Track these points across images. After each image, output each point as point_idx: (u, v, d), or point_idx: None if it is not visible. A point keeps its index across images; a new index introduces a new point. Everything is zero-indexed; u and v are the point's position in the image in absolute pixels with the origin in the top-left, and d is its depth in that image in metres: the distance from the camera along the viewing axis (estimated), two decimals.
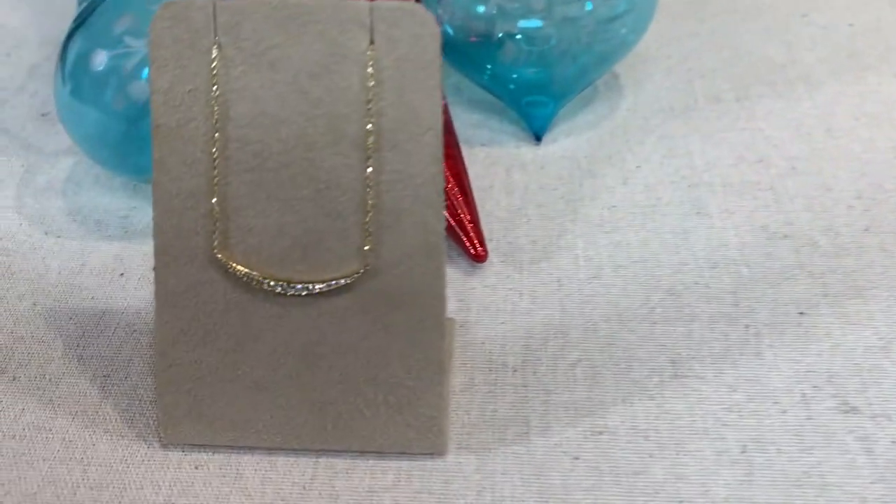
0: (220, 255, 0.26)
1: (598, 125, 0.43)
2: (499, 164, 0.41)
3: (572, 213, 0.38)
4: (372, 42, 0.25)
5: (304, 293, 0.26)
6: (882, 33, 0.50)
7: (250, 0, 0.25)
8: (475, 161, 0.41)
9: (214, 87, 0.25)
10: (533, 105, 0.43)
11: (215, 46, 0.25)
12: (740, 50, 0.49)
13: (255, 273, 0.26)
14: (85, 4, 0.34)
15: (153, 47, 0.25)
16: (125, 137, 0.34)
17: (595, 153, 0.41)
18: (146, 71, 0.33)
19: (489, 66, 0.43)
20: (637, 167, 0.40)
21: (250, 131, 0.26)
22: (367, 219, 0.26)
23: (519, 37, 0.41)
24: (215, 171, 0.26)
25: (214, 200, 0.26)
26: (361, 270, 0.27)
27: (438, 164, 0.26)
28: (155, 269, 0.27)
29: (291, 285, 0.26)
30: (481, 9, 0.41)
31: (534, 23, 0.41)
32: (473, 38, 0.41)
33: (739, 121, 0.43)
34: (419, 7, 0.25)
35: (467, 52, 0.43)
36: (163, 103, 0.25)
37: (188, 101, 0.25)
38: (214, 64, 0.25)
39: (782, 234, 0.37)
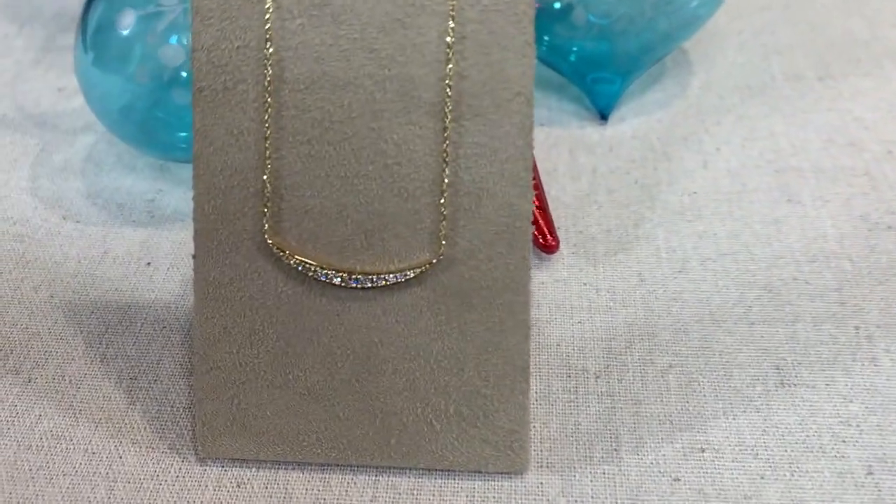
0: (270, 241, 0.22)
1: (668, 104, 0.39)
2: (561, 145, 0.37)
3: (649, 200, 0.34)
4: None
5: (367, 286, 0.23)
6: None
7: None
8: (535, 142, 0.37)
9: (268, 44, 0.21)
10: (598, 81, 0.39)
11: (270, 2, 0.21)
12: (818, 25, 0.45)
13: (311, 262, 0.23)
14: None
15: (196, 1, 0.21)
16: (154, 110, 0.31)
17: (669, 134, 0.37)
18: (177, 35, 0.29)
19: (546, 38, 0.39)
20: (717, 149, 0.36)
21: (308, 96, 0.22)
22: (443, 200, 0.22)
23: (579, 6, 0.38)
24: (267, 143, 0.22)
25: (266, 177, 0.22)
26: (434, 260, 0.23)
27: (528, 135, 0.22)
28: (194, 256, 0.23)
29: (353, 277, 0.23)
30: None
31: None
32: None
33: (824, 101, 0.39)
34: None
35: None
36: (206, 62, 0.21)
37: (236, 60, 0.21)
38: (268, 16, 0.21)
39: (885, 224, 0.33)
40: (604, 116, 0.39)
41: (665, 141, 0.37)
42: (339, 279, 0.23)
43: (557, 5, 0.38)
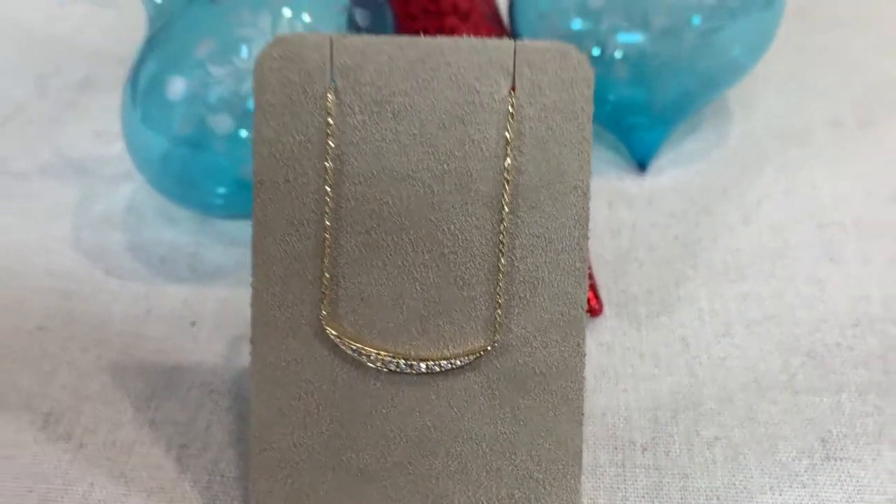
0: (327, 327, 0.23)
1: (708, 153, 0.39)
2: (599, 197, 0.37)
3: (691, 258, 0.34)
4: (513, 88, 0.21)
5: (421, 371, 0.23)
6: None
7: (373, 38, 0.21)
8: None
9: (329, 138, 0.21)
10: (636, 129, 0.39)
11: (331, 91, 0.21)
12: (856, 66, 0.44)
13: (366, 348, 0.23)
14: (159, 24, 0.31)
15: (259, 90, 0.21)
16: (198, 170, 0.31)
17: (709, 186, 0.37)
18: (225, 104, 0.30)
19: None
20: (758, 203, 0.36)
21: (368, 189, 0.22)
22: (498, 288, 0.22)
23: (617, 52, 0.37)
24: (326, 233, 0.22)
25: (325, 266, 0.22)
26: (488, 347, 0.23)
27: (583, 226, 0.22)
28: (252, 341, 0.23)
29: (408, 362, 0.23)
30: (577, 25, 0.38)
31: (633, 37, 0.37)
32: None
33: (864, 149, 0.39)
34: (571, 47, 0.21)
35: None
36: (268, 156, 0.22)
37: (298, 154, 0.22)
38: (330, 112, 0.21)
39: None
40: (642, 167, 0.39)
41: (705, 194, 0.37)
42: (394, 365, 0.23)
43: (596, 52, 0.38)
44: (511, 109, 0.21)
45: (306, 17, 0.29)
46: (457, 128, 0.22)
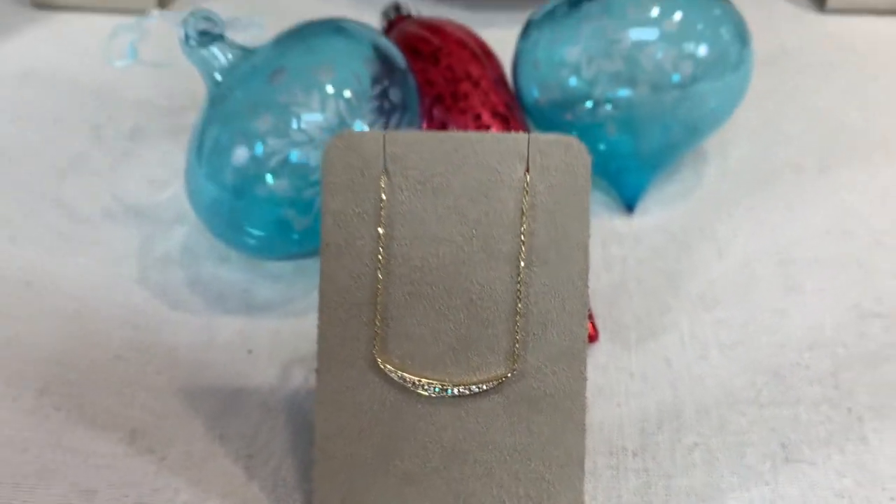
0: (379, 360, 0.28)
1: (687, 196, 0.45)
2: (594, 236, 0.42)
3: (673, 289, 0.40)
4: (527, 170, 0.27)
5: (454, 395, 0.28)
6: None
7: (417, 133, 0.26)
8: None
9: (381, 210, 0.27)
10: (624, 174, 0.45)
11: (384, 174, 0.27)
12: (818, 113, 0.50)
13: (410, 376, 0.28)
14: (217, 90, 0.36)
15: (326, 172, 0.27)
16: (256, 222, 0.36)
17: (688, 225, 0.43)
18: (285, 169, 0.35)
19: (574, 132, 0.44)
20: (729, 241, 0.42)
21: (412, 249, 0.27)
22: (516, 327, 0.28)
23: (608, 106, 0.43)
24: (378, 285, 0.27)
25: (377, 310, 0.28)
26: (509, 374, 0.28)
27: (585, 278, 0.28)
28: (317, 371, 0.29)
29: (444, 387, 0.28)
30: (573, 82, 0.43)
31: (622, 93, 0.43)
32: (569, 116, 0.43)
33: (822, 191, 0.45)
34: (573, 139, 0.27)
35: (553, 118, 0.44)
36: (333, 224, 0.27)
37: (356, 222, 0.27)
38: (383, 190, 0.27)
39: (874, 312, 0.38)
40: (630, 208, 0.44)
41: (685, 232, 0.43)
42: (432, 390, 0.28)
43: (589, 105, 0.43)
44: (525, 187, 0.27)
45: (346, 93, 0.35)
46: (482, 201, 0.27)
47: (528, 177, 0.27)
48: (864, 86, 0.53)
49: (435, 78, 0.41)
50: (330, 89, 0.35)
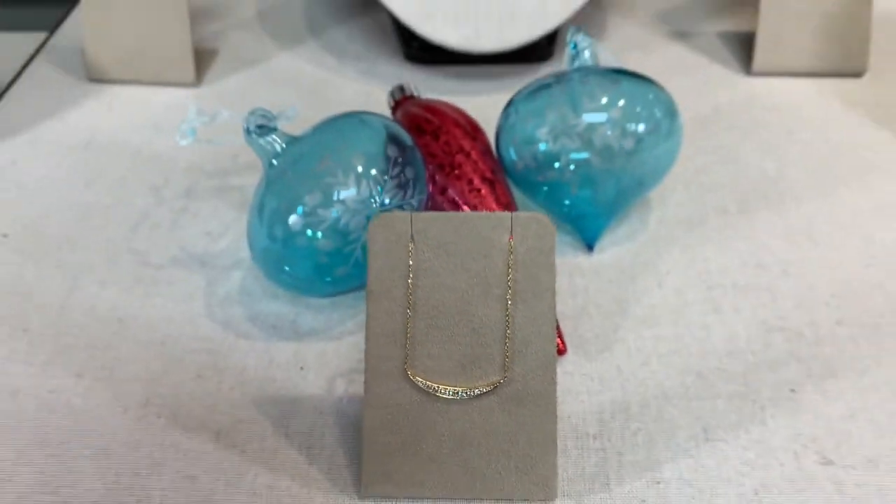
0: (408, 372, 0.39)
1: (634, 237, 0.56)
2: (562, 271, 0.54)
3: (622, 312, 0.51)
4: (511, 238, 0.38)
5: (463, 397, 0.39)
6: (852, 149, 0.64)
7: (433, 213, 0.38)
8: None
9: (410, 266, 0.38)
10: (585, 219, 0.56)
11: (411, 242, 0.38)
12: (741, 164, 0.62)
13: (431, 384, 0.39)
14: (273, 171, 0.47)
15: (371, 242, 0.38)
16: (301, 267, 0.47)
17: (635, 261, 0.54)
18: (333, 231, 0.46)
19: (545, 188, 0.56)
20: (667, 273, 0.54)
21: (431, 294, 0.39)
22: (506, 348, 0.39)
23: (571, 165, 0.54)
24: (408, 320, 0.39)
25: (407, 338, 0.39)
26: (501, 381, 0.40)
27: (553, 311, 0.39)
28: (365, 381, 0.40)
29: (455, 391, 0.39)
30: (543, 147, 0.54)
31: (581, 155, 0.54)
32: (540, 177, 0.54)
33: (742, 230, 0.57)
34: (542, 216, 0.38)
35: (529, 178, 0.55)
36: (375, 278, 0.38)
37: (392, 276, 0.38)
38: (410, 253, 0.38)
39: (778, 326, 0.50)
40: (590, 247, 0.56)
41: (632, 266, 0.54)
42: (447, 394, 0.39)
43: (557, 165, 0.54)
44: (510, 249, 0.38)
45: (373, 172, 0.46)
46: (480, 259, 0.38)
47: (511, 242, 0.38)
48: (781, 140, 0.65)
49: (436, 151, 0.53)
50: (360, 169, 0.46)
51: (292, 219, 0.45)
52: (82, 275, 0.54)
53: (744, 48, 0.75)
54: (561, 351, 0.48)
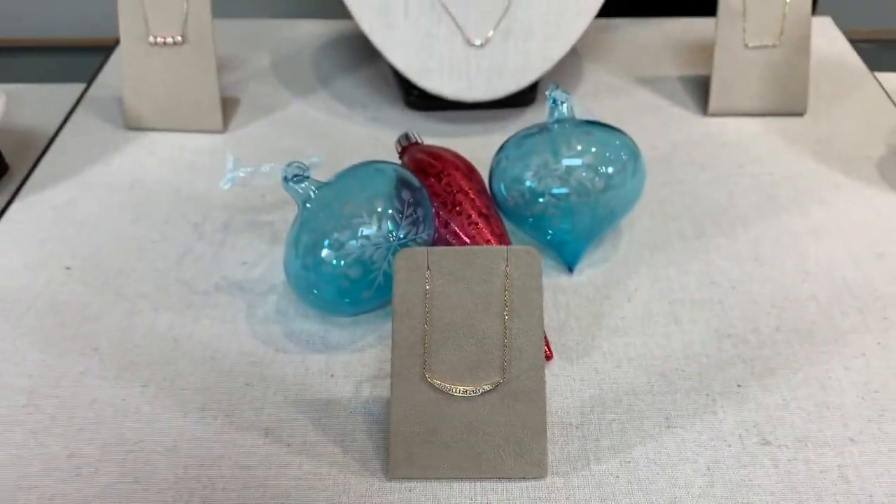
0: (427, 376, 0.49)
1: (608, 259, 0.66)
2: (548, 289, 0.64)
3: (598, 323, 0.61)
4: (507, 266, 0.48)
5: (470, 395, 0.49)
6: (792, 180, 0.74)
7: (445, 248, 0.47)
8: None
9: (426, 290, 0.48)
10: (565, 245, 0.66)
11: (427, 271, 0.48)
12: (697, 196, 0.72)
13: (445, 384, 0.49)
14: (307, 212, 0.56)
15: (396, 272, 0.48)
16: (329, 291, 0.57)
17: (608, 280, 0.64)
18: (361, 261, 0.55)
19: (531, 219, 0.65)
20: (636, 290, 0.63)
21: (445, 312, 0.48)
22: (504, 354, 0.49)
23: (552, 200, 0.64)
24: (425, 334, 0.48)
25: (425, 347, 0.48)
26: (500, 380, 0.49)
27: (541, 324, 0.49)
28: (391, 383, 0.49)
29: (464, 390, 0.49)
30: (529, 185, 0.64)
31: (561, 190, 0.64)
32: (528, 211, 0.64)
33: (699, 253, 0.67)
34: (532, 249, 0.48)
35: (518, 212, 0.65)
36: (400, 300, 0.48)
37: (413, 299, 0.48)
38: (427, 280, 0.47)
39: (727, 334, 0.60)
40: (570, 269, 0.66)
41: (607, 285, 0.64)
42: (458, 392, 0.49)
43: (541, 199, 0.64)
44: (506, 275, 0.48)
45: (390, 212, 0.56)
46: (483, 283, 0.48)
47: (507, 270, 0.48)
48: (732, 173, 0.75)
49: (439, 191, 0.62)
50: (379, 210, 0.55)
51: (325, 252, 0.55)
52: (139, 301, 0.63)
53: (700, 92, 0.86)
54: (548, 357, 0.58)
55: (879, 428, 0.54)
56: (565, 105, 0.65)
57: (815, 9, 1.10)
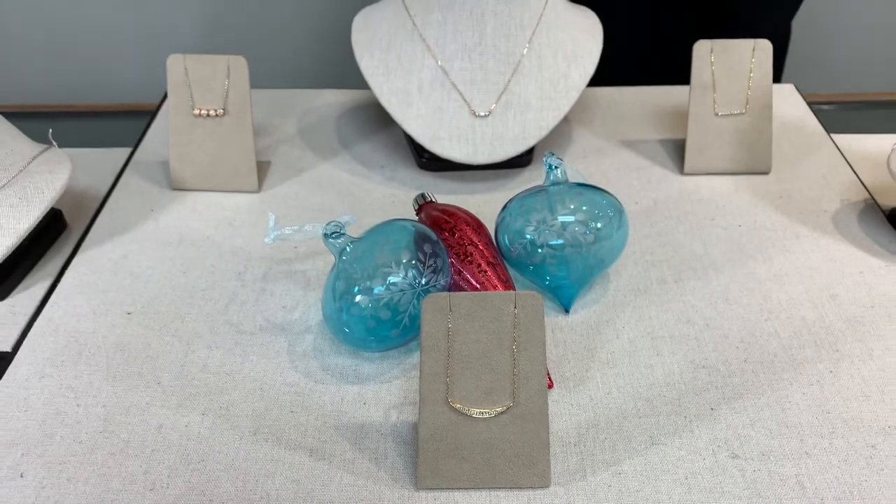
0: (449, 400, 0.58)
1: (598, 301, 0.76)
2: (548, 328, 0.74)
3: (590, 356, 0.71)
4: (515, 308, 0.58)
5: (484, 416, 0.58)
6: (758, 231, 0.85)
7: (464, 293, 0.57)
8: None
9: (448, 330, 0.57)
10: (561, 289, 0.76)
11: (449, 313, 0.57)
12: (675, 245, 0.83)
13: (464, 407, 0.58)
14: (342, 264, 0.66)
15: (423, 313, 0.58)
16: (359, 330, 0.66)
17: (599, 319, 0.74)
18: (375, 306, 0.65)
19: (531, 267, 0.75)
20: (623, 327, 0.73)
21: (462, 346, 0.58)
22: (513, 382, 0.58)
23: (549, 250, 0.74)
24: (448, 366, 0.58)
25: (447, 375, 0.58)
26: (511, 404, 0.59)
27: (544, 356, 0.59)
28: (419, 407, 0.59)
29: (480, 412, 0.58)
30: (529, 238, 0.74)
31: (557, 242, 0.74)
32: (528, 260, 0.74)
33: (677, 295, 0.77)
34: (535, 293, 0.58)
35: (520, 261, 0.75)
36: (427, 337, 0.58)
37: (437, 335, 0.58)
38: (448, 321, 0.57)
39: (702, 365, 0.70)
40: (566, 310, 0.75)
41: (598, 323, 0.74)
42: (476, 414, 0.58)
43: (539, 250, 0.74)
44: (514, 315, 0.58)
45: (413, 262, 0.66)
46: (495, 322, 0.58)
47: (515, 311, 0.58)
48: (705, 225, 0.85)
49: (452, 243, 0.73)
50: (405, 261, 0.65)
51: (359, 297, 0.65)
52: (193, 341, 0.73)
53: (677, 153, 0.97)
54: (549, 385, 0.68)
55: (830, 443, 0.63)
56: (559, 170, 0.76)
57: (781, 75, 1.22)
